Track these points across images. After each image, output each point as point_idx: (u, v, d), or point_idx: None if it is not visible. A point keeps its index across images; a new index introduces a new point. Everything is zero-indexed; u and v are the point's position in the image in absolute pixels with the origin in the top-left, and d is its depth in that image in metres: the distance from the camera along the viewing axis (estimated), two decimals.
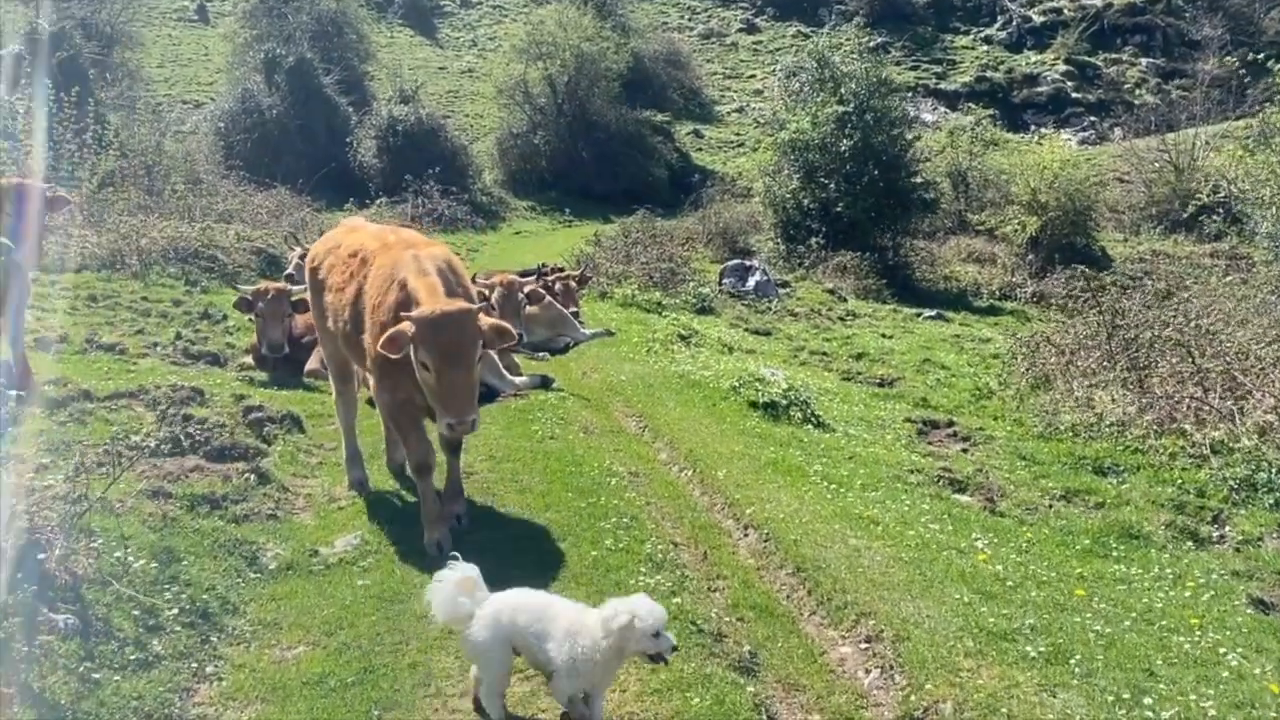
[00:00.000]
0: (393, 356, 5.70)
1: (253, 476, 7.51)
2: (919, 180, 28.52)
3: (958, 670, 4.91)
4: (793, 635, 5.51)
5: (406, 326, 5.70)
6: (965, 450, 10.26)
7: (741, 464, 8.12)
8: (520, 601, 4.45)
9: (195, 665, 4.96)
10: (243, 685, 4.86)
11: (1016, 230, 29.27)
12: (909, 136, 28.69)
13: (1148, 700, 4.73)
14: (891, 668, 5.12)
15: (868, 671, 5.20)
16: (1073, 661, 5.07)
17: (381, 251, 6.56)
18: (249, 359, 12.38)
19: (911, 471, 8.68)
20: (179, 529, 6.25)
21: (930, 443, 10.52)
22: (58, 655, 4.58)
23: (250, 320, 12.18)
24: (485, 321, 6.00)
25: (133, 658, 4.77)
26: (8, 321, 9.60)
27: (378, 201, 29.40)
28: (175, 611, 5.23)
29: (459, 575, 4.48)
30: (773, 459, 8.34)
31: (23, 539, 5.14)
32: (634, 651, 4.20)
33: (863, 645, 5.38)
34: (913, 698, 4.81)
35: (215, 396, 10.12)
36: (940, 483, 8.55)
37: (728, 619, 5.53)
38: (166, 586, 5.42)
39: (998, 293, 27.45)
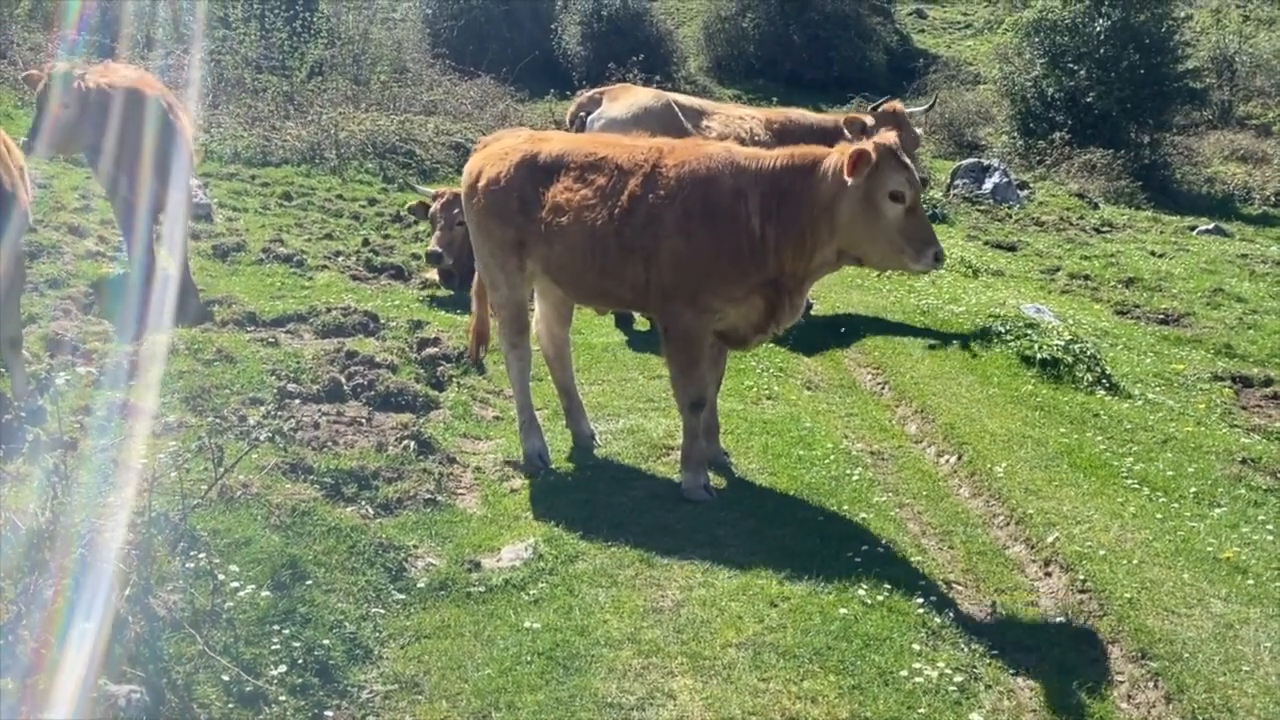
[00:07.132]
0: (856, 182, 4.97)
1: (413, 445, 6.22)
2: (1187, 66, 24.79)
3: None
4: None
5: (872, 150, 4.95)
6: None
7: (1024, 452, 6.18)
8: None
9: None
10: None
11: None
12: (1178, 15, 24.88)
13: None
14: None
15: None
16: None
17: (649, 151, 5.62)
18: (433, 274, 11.36)
19: (1248, 463, 6.54)
20: (311, 526, 4.96)
21: (1249, 409, 8.27)
22: None
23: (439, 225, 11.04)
24: None
25: None
26: (176, 232, 8.77)
27: (580, 92, 27.98)
28: (283, 669, 3.91)
29: None
30: (1066, 446, 6.35)
31: (95, 560, 3.91)
32: None
33: None
34: None
35: (389, 323, 9.05)
36: None
37: None
38: (277, 626, 4.11)
39: (1273, 198, 24.04)
